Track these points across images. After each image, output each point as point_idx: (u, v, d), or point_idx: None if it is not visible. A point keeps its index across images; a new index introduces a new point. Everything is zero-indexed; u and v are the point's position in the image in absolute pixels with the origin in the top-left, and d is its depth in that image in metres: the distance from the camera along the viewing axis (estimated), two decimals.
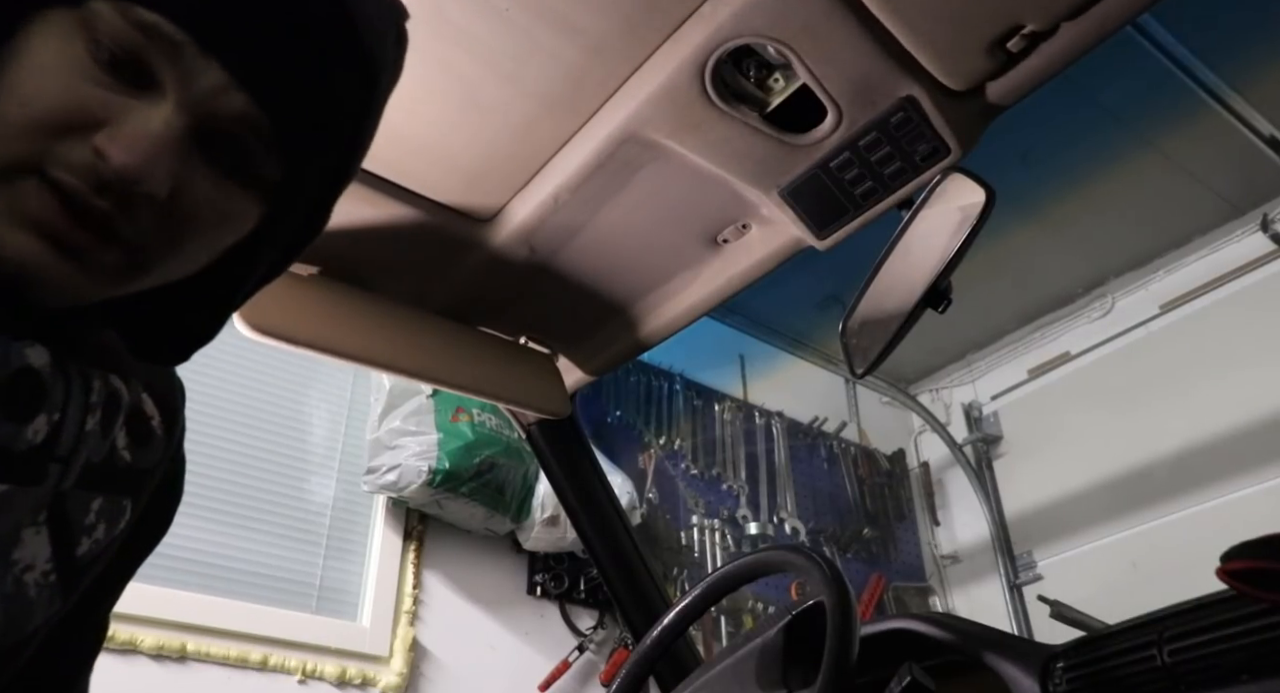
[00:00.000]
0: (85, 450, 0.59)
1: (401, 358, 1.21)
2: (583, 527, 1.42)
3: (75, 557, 0.60)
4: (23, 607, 0.56)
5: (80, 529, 0.60)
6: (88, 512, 0.61)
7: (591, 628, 2.54)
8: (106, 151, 0.50)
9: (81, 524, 0.60)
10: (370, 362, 1.20)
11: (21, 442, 0.54)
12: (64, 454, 0.58)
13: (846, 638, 0.79)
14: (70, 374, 0.58)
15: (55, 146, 0.50)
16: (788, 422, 3.38)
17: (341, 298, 1.17)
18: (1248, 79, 2.55)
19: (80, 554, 0.60)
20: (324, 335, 1.12)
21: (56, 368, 0.56)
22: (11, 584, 0.55)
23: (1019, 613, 3.24)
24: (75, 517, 0.60)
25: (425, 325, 1.26)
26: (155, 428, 0.67)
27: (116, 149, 0.50)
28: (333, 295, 1.16)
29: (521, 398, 1.34)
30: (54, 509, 0.57)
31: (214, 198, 0.56)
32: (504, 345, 1.36)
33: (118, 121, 0.51)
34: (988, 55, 0.85)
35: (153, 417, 0.67)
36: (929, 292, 0.95)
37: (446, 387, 1.28)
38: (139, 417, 0.65)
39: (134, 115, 0.51)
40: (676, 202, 1.11)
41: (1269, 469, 2.72)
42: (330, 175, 0.64)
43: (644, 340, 1.31)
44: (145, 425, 0.66)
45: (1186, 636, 0.79)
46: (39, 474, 0.56)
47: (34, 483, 0.56)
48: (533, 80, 0.96)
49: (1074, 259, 3.23)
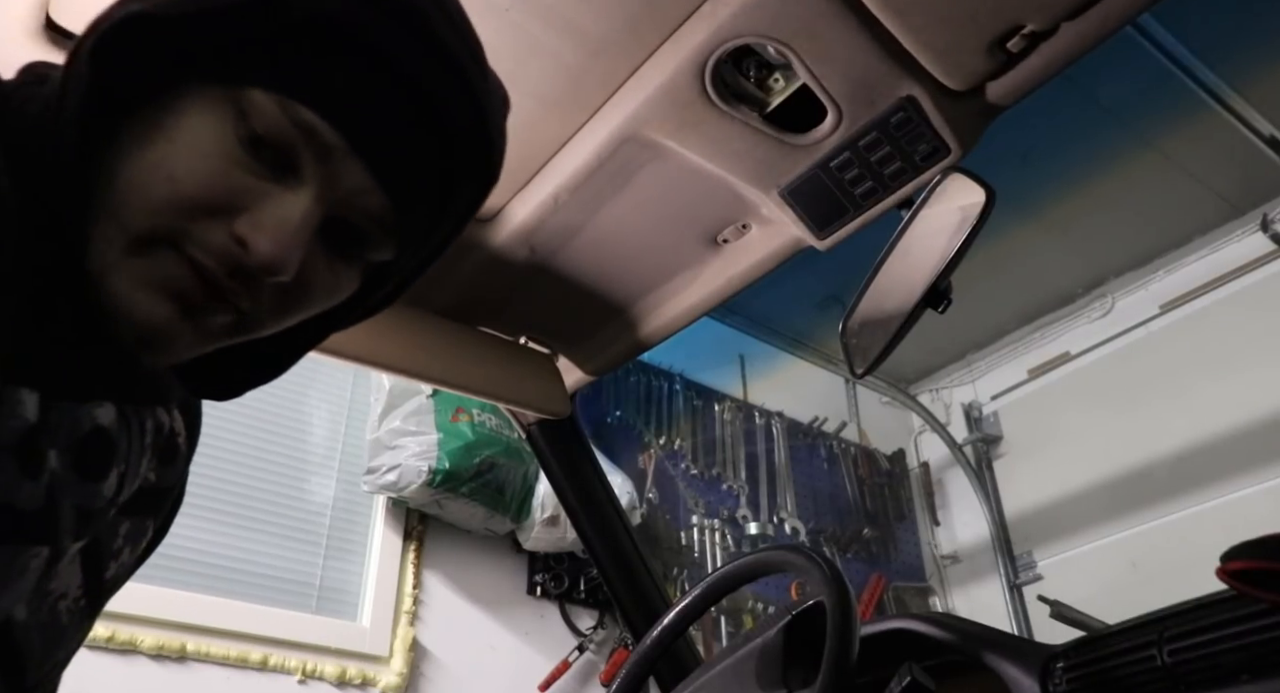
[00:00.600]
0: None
1: (401, 358, 1.21)
2: (583, 527, 1.41)
3: (103, 580, 0.61)
4: (57, 633, 0.57)
5: (109, 554, 0.61)
6: (117, 537, 0.62)
7: (591, 628, 2.54)
8: (250, 241, 0.51)
9: (110, 549, 0.61)
10: (370, 362, 1.20)
11: (100, 500, 0.55)
12: (124, 499, 0.59)
13: (846, 638, 0.79)
14: (130, 421, 0.59)
15: (195, 225, 0.51)
16: (788, 422, 3.38)
17: None
18: (1248, 79, 2.55)
19: (107, 578, 0.62)
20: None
21: (121, 419, 0.57)
22: (47, 614, 0.56)
23: (1019, 613, 3.24)
24: (106, 543, 0.61)
25: (425, 325, 1.25)
26: (180, 445, 0.68)
27: (260, 239, 0.51)
28: None
29: (521, 398, 1.34)
30: (90, 539, 0.58)
31: (328, 278, 0.57)
32: (504, 345, 1.36)
33: (258, 208, 0.52)
34: (988, 55, 0.85)
35: (179, 434, 0.67)
36: (929, 292, 0.95)
37: (446, 387, 1.28)
38: (169, 437, 0.66)
39: (274, 203, 0.52)
40: (676, 202, 1.11)
41: (1269, 469, 2.71)
42: (428, 262, 0.66)
43: (644, 340, 1.31)
44: (173, 443, 0.66)
45: (1186, 636, 0.79)
46: (105, 522, 0.58)
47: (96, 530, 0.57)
48: (533, 80, 0.96)
49: (1074, 259, 3.23)
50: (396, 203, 0.56)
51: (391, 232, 0.57)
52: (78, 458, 0.53)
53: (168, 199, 0.50)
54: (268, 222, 0.51)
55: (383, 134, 0.54)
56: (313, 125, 0.52)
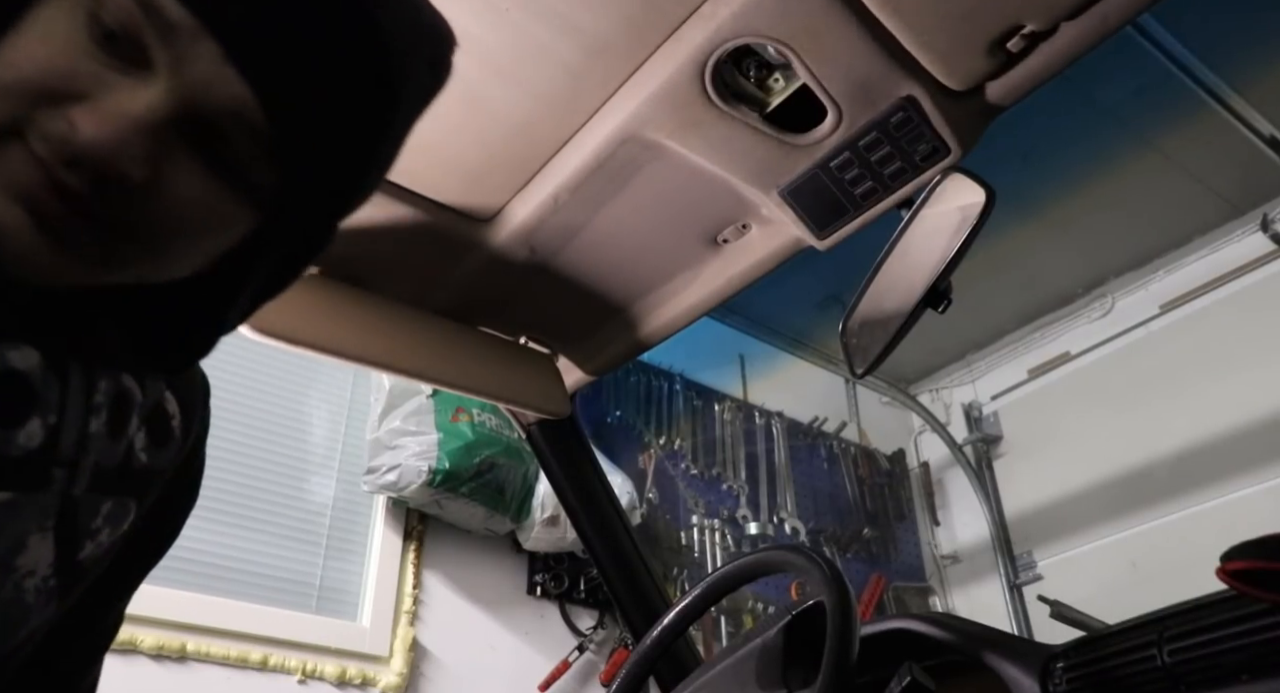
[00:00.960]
0: (94, 453, 0.58)
1: (401, 358, 1.21)
2: (583, 527, 1.41)
3: (77, 560, 0.59)
4: (20, 611, 0.55)
5: (85, 533, 0.59)
6: (96, 515, 0.60)
7: (591, 628, 2.54)
8: (78, 124, 0.48)
9: (88, 528, 0.59)
10: (370, 362, 1.20)
11: (15, 447, 0.53)
12: (67, 458, 0.56)
13: (846, 638, 0.79)
14: (69, 375, 0.56)
15: (37, 113, 0.48)
16: (788, 422, 3.38)
17: (342, 298, 1.17)
18: (1248, 79, 2.55)
19: (82, 558, 0.59)
20: (325, 336, 1.12)
21: (51, 369, 0.55)
22: (11, 589, 0.54)
23: (1019, 613, 3.24)
24: (83, 521, 0.59)
25: (425, 325, 1.25)
26: (174, 428, 0.66)
27: (88, 122, 0.48)
28: (333, 295, 1.16)
29: (521, 398, 1.34)
30: (63, 514, 0.57)
31: (199, 195, 0.52)
32: (504, 345, 1.36)
33: (98, 96, 0.49)
34: (988, 55, 0.85)
35: (174, 416, 0.66)
36: (929, 292, 0.95)
37: (446, 387, 1.28)
38: (160, 416, 0.64)
39: (117, 92, 0.49)
40: (676, 202, 1.11)
41: (1269, 469, 2.71)
42: (336, 193, 0.60)
43: (644, 340, 1.31)
44: (166, 426, 0.65)
45: (1186, 636, 0.79)
46: (41, 480, 0.55)
47: (37, 489, 0.55)
48: (533, 80, 0.96)
49: (1074, 259, 3.23)
50: (262, 99, 0.51)
51: (265, 144, 0.52)
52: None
53: (8, 86, 0.48)
54: (103, 106, 0.48)
55: (238, 12, 0.50)
56: (156, 1, 0.49)
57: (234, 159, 0.53)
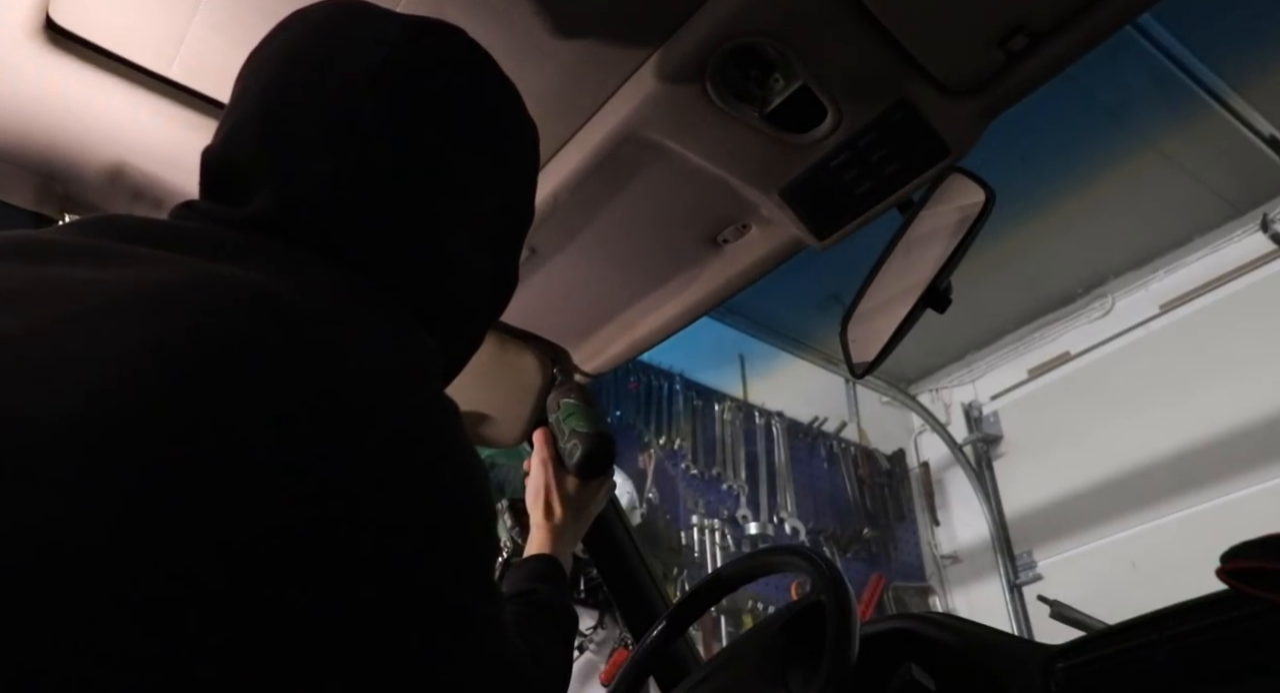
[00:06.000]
0: None
1: None
2: None
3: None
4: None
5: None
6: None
7: (591, 628, 2.54)
8: None
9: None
10: None
11: None
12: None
13: (846, 638, 0.79)
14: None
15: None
16: (788, 422, 3.38)
17: None
18: (1248, 79, 2.55)
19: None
20: None
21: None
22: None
23: (1019, 613, 3.25)
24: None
25: None
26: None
27: None
28: None
29: (521, 398, 1.34)
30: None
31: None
32: (503, 345, 1.36)
33: None
34: (987, 55, 0.85)
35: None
36: (929, 292, 0.95)
37: (445, 386, 1.27)
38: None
39: None
40: (676, 202, 1.11)
41: (1269, 469, 2.72)
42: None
43: (644, 340, 1.31)
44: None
45: (1186, 636, 0.79)
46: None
47: None
48: (532, 80, 0.96)
49: (1074, 259, 3.24)
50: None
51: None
52: None
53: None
54: None
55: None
56: None
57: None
